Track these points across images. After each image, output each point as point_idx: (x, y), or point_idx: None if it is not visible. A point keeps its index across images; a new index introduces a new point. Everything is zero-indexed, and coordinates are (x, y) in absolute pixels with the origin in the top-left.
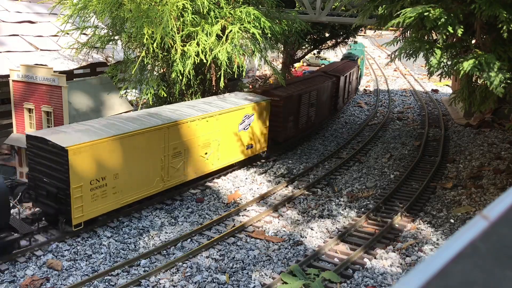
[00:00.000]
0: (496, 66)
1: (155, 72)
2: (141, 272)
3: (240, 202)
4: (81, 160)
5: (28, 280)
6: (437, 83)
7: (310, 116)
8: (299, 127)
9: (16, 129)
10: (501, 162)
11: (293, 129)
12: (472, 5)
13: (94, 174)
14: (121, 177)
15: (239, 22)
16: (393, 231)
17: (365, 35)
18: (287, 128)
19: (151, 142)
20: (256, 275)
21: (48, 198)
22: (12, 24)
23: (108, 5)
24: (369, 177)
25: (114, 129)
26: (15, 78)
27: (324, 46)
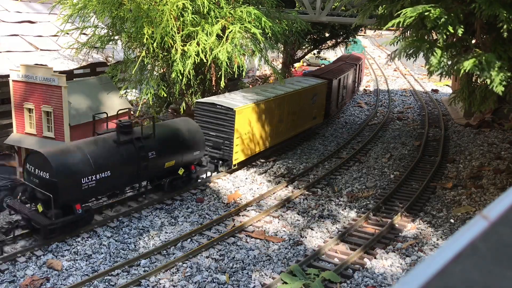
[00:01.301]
0: (497, 65)
1: (155, 72)
2: (141, 272)
3: (240, 202)
4: (240, 118)
5: (28, 280)
6: (437, 83)
7: (343, 96)
8: (337, 105)
9: (16, 129)
10: (501, 162)
11: (335, 107)
12: (472, 4)
13: (244, 129)
14: (259, 130)
15: (239, 22)
16: (393, 231)
17: (365, 35)
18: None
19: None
20: (256, 275)
21: (214, 148)
22: (12, 24)
23: (108, 5)
24: (369, 177)
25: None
26: (15, 78)
27: (324, 46)
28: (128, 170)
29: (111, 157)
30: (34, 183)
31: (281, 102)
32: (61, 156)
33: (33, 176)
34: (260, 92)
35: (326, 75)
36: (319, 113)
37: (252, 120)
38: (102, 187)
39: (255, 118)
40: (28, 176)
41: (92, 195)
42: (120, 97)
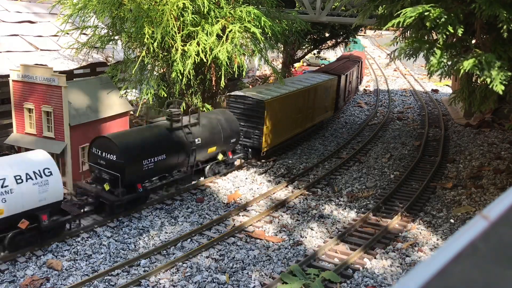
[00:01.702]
0: (497, 65)
1: (155, 72)
2: (141, 272)
3: (240, 202)
4: (269, 110)
5: (28, 280)
6: (437, 83)
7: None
8: (344, 99)
9: (16, 129)
10: (501, 162)
11: (343, 101)
12: (472, 4)
13: (272, 120)
14: (283, 121)
15: (239, 21)
16: (389, 234)
17: (365, 35)
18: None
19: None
20: (256, 275)
21: (245, 137)
22: (12, 24)
23: (108, 5)
24: (369, 177)
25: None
26: (15, 78)
27: (324, 46)
28: (178, 154)
29: (165, 142)
30: (101, 164)
31: (300, 96)
32: (126, 140)
33: (100, 159)
34: (282, 86)
35: (334, 71)
36: (330, 107)
37: (278, 112)
38: (158, 169)
39: (281, 110)
40: (95, 159)
41: (150, 176)
42: (120, 97)
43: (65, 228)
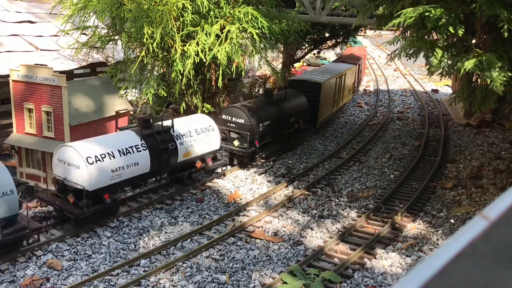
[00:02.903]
0: (497, 65)
1: (155, 72)
2: (141, 272)
3: (240, 202)
4: (323, 90)
5: (28, 280)
6: (437, 83)
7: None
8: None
9: (16, 129)
10: (501, 162)
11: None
12: (472, 4)
13: (324, 98)
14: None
15: (238, 22)
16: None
17: (365, 35)
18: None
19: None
20: (256, 275)
21: None
22: (12, 24)
23: (108, 5)
24: (369, 177)
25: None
26: (15, 78)
27: (324, 46)
28: (278, 122)
29: (268, 111)
30: (231, 127)
31: (337, 80)
32: (247, 108)
33: (230, 123)
34: (324, 72)
35: (351, 61)
36: (351, 90)
37: (327, 92)
38: (267, 132)
39: (329, 90)
40: (225, 123)
41: (264, 136)
42: (120, 97)
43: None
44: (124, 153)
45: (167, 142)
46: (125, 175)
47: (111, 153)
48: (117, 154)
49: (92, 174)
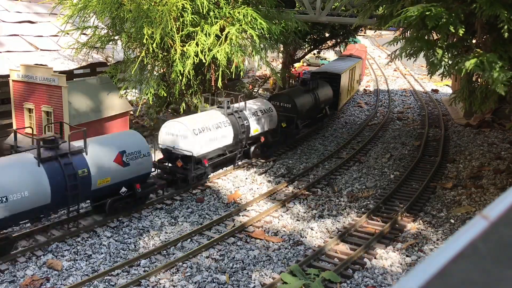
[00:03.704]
0: (498, 66)
1: (155, 72)
2: (141, 272)
3: (240, 202)
4: (342, 80)
5: (28, 280)
6: (437, 83)
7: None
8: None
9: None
10: (501, 162)
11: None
12: (473, 5)
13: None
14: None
15: (238, 22)
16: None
17: (365, 35)
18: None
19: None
20: (256, 275)
21: None
22: (12, 24)
23: (108, 5)
24: (369, 177)
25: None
26: (15, 78)
27: (324, 46)
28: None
29: (306, 98)
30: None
31: (351, 71)
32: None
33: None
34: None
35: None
36: (358, 81)
37: (344, 82)
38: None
39: (345, 80)
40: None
41: (306, 117)
42: (120, 97)
43: None
44: (216, 127)
45: (243, 120)
46: (216, 145)
47: (207, 127)
48: (212, 128)
49: (197, 142)
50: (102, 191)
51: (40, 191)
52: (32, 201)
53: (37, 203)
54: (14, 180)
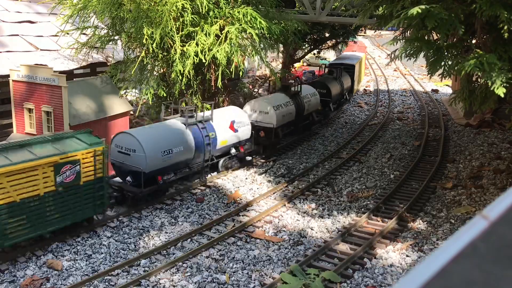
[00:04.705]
0: (497, 66)
1: (155, 72)
2: (141, 272)
3: (240, 202)
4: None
5: (28, 280)
6: (437, 83)
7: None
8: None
9: (16, 129)
10: (501, 162)
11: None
12: (472, 5)
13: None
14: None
15: (238, 22)
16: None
17: (365, 35)
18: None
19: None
20: (256, 275)
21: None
22: (12, 24)
23: (108, 5)
24: (369, 177)
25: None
26: (15, 78)
27: (324, 46)
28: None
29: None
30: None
31: (359, 64)
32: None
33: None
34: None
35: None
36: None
37: (357, 72)
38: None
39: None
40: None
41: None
42: (120, 97)
43: None
44: (284, 106)
45: (301, 101)
46: (286, 120)
47: (281, 104)
48: (283, 105)
49: (276, 116)
50: (221, 150)
51: (188, 147)
52: (183, 154)
53: (186, 156)
54: (174, 138)
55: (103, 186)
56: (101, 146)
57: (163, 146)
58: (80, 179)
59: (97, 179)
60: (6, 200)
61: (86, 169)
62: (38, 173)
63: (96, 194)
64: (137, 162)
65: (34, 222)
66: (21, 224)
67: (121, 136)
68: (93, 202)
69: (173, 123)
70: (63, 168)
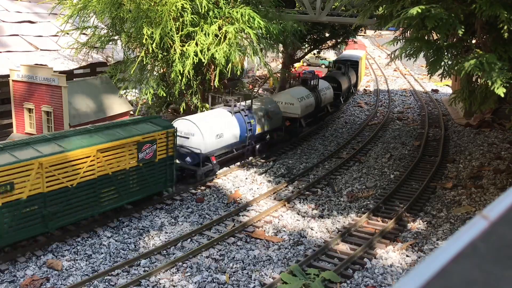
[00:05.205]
0: (497, 66)
1: (155, 72)
2: (141, 272)
3: (240, 202)
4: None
5: (28, 280)
6: (437, 83)
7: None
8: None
9: (16, 129)
10: (501, 162)
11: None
12: (472, 5)
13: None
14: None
15: (237, 22)
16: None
17: (365, 35)
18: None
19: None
20: (256, 275)
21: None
22: (12, 24)
23: (108, 5)
24: (369, 177)
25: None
26: (15, 78)
27: (324, 46)
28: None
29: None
30: None
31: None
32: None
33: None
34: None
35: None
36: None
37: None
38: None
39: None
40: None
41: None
42: (119, 97)
43: None
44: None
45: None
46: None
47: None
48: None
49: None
50: (257, 137)
51: (234, 132)
52: (231, 138)
53: (232, 140)
54: (224, 123)
55: (172, 163)
56: (172, 129)
57: (216, 130)
58: (156, 156)
59: (169, 157)
60: (101, 173)
61: (160, 148)
62: (125, 150)
63: (167, 171)
64: (196, 144)
65: (120, 193)
66: (110, 194)
67: (180, 122)
68: (164, 177)
69: (220, 111)
70: (144, 147)
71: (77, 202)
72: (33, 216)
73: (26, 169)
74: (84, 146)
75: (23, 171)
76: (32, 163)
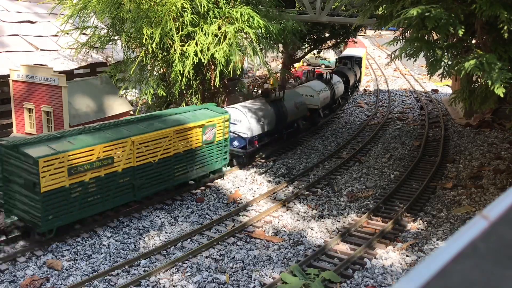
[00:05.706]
0: (497, 66)
1: (155, 72)
2: (141, 272)
3: (240, 202)
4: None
5: (28, 280)
6: (437, 83)
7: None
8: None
9: (16, 129)
10: (501, 162)
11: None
12: (472, 5)
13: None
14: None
15: (236, 22)
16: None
17: (365, 35)
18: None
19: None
20: (256, 275)
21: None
22: (12, 24)
23: (108, 5)
24: (369, 177)
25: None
26: (15, 78)
27: (324, 46)
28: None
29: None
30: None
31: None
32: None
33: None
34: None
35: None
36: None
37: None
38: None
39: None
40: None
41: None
42: (119, 97)
43: None
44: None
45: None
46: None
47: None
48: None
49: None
50: (288, 124)
51: (271, 119)
52: (269, 124)
53: (270, 126)
54: (263, 112)
55: (227, 145)
56: (228, 115)
57: (258, 117)
58: (215, 138)
59: (224, 139)
60: (175, 151)
61: (219, 131)
62: (193, 133)
63: (223, 151)
64: (243, 130)
65: (188, 170)
66: (181, 170)
67: (228, 109)
68: (221, 157)
69: (259, 101)
70: (206, 130)
71: (158, 175)
72: (126, 186)
73: (122, 146)
74: (164, 128)
75: (120, 148)
76: (126, 140)
